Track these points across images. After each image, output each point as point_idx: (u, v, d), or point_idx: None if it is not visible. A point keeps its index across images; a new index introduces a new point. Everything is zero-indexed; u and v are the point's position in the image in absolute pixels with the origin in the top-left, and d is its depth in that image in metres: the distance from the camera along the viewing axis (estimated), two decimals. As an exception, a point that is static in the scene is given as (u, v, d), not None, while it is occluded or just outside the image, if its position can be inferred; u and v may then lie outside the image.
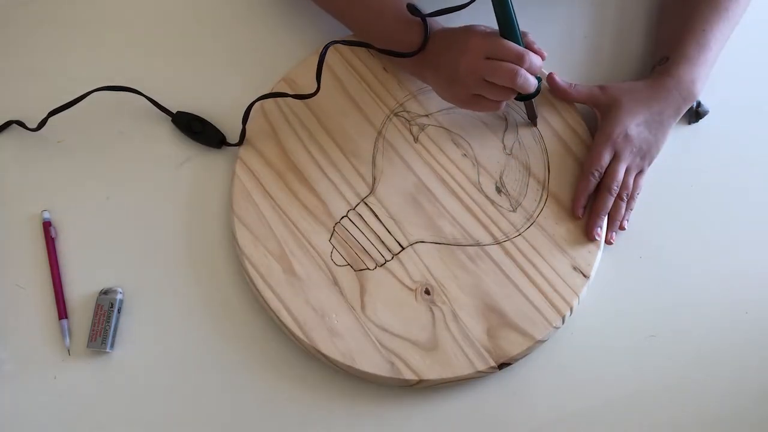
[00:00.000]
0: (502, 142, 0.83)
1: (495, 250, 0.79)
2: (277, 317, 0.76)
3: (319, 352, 0.75)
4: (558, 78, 0.84)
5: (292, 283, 0.77)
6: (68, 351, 0.77)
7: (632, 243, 0.82)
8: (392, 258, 0.79)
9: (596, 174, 0.81)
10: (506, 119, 0.84)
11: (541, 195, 0.81)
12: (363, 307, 0.77)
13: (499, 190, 0.81)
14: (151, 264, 0.80)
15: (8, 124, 0.84)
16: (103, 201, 0.82)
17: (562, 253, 0.79)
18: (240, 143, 0.82)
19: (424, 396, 0.77)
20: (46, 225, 0.80)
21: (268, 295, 0.77)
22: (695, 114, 0.87)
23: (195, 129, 0.84)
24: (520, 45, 0.76)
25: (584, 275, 0.78)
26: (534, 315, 0.77)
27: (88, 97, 0.82)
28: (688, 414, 0.79)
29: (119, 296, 0.78)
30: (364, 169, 0.82)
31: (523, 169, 0.82)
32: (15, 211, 0.81)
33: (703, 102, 0.87)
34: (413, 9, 0.79)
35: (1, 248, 0.80)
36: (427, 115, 0.83)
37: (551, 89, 0.85)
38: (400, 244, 0.80)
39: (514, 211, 0.80)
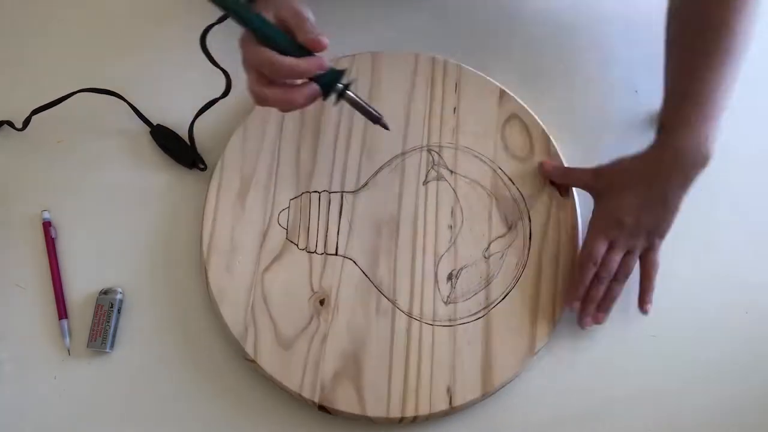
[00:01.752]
0: (489, 244, 0.80)
1: (401, 319, 0.77)
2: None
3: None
4: (549, 163, 0.82)
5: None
6: (68, 351, 0.77)
7: (632, 243, 0.83)
8: (321, 254, 0.79)
9: (592, 266, 0.77)
10: (515, 228, 0.81)
11: (477, 313, 0.77)
12: (266, 269, 0.78)
13: (449, 278, 0.79)
14: (151, 264, 0.80)
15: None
16: (103, 201, 0.82)
17: (449, 368, 0.76)
18: (204, 168, 0.81)
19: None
20: (46, 225, 0.80)
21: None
22: None
23: (170, 146, 0.83)
24: (285, 43, 0.65)
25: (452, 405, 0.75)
26: (381, 395, 0.74)
27: (75, 98, 0.82)
28: (688, 414, 0.79)
29: (119, 296, 0.78)
30: (366, 170, 0.82)
31: (482, 281, 0.79)
32: (15, 211, 0.81)
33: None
34: None
35: (1, 248, 0.80)
36: (451, 172, 0.82)
37: (544, 173, 0.82)
38: (337, 249, 0.79)
39: (445, 304, 0.78)
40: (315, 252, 0.79)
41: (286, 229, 0.79)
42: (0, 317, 0.78)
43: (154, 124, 0.84)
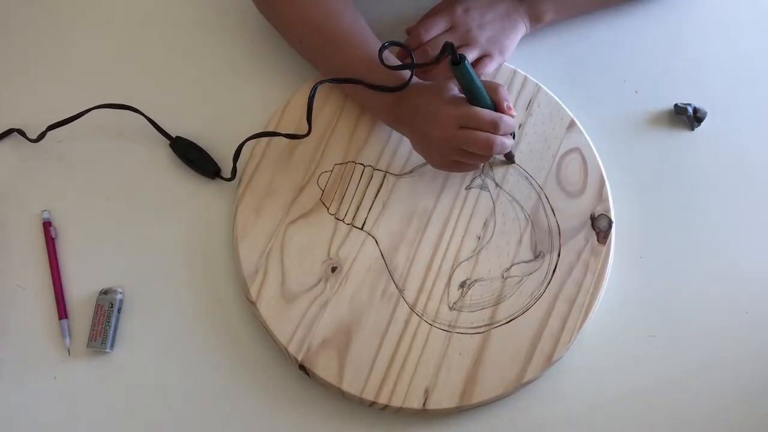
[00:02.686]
0: (511, 266, 0.79)
1: (403, 309, 0.77)
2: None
3: None
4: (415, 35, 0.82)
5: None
6: (68, 351, 0.77)
7: (632, 243, 0.82)
8: (347, 224, 0.80)
9: (421, 35, 0.80)
10: (541, 259, 0.79)
11: (478, 328, 0.77)
12: (292, 222, 0.79)
13: (462, 286, 0.78)
14: (151, 264, 0.80)
15: (9, 132, 0.84)
16: (103, 201, 0.82)
17: (433, 371, 0.76)
18: (232, 178, 0.81)
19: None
20: (46, 225, 0.80)
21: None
22: (695, 119, 0.87)
23: (191, 157, 0.83)
24: (490, 108, 0.73)
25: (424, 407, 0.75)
26: (361, 374, 0.75)
27: (91, 113, 0.82)
28: (688, 414, 0.79)
29: (119, 296, 0.78)
30: (416, 159, 0.81)
31: (492, 298, 0.78)
32: (15, 211, 0.81)
33: (700, 106, 0.87)
34: (385, 56, 0.74)
35: (1, 248, 0.80)
36: (497, 185, 0.81)
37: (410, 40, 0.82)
38: (364, 224, 0.80)
39: (450, 309, 0.77)
40: (342, 220, 0.80)
41: (323, 191, 0.80)
42: (0, 317, 0.78)
43: (173, 136, 0.84)
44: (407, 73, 0.75)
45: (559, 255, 0.79)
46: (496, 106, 0.74)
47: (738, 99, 0.90)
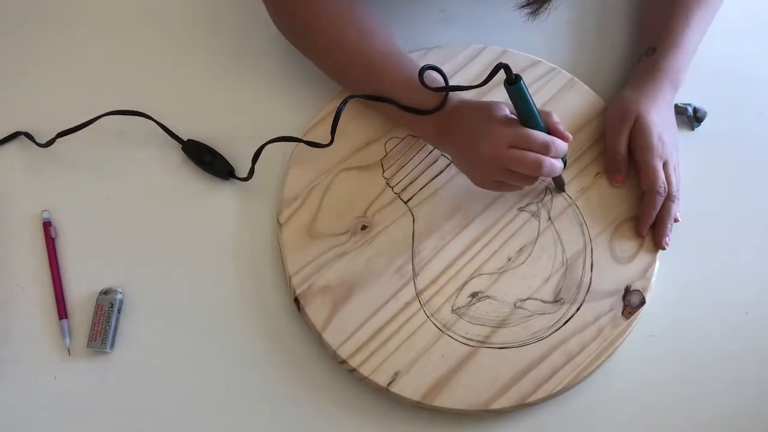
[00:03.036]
0: (527, 298, 0.78)
1: (409, 292, 0.78)
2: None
3: None
4: (609, 177, 0.83)
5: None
6: (68, 351, 0.77)
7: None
8: (395, 193, 0.81)
9: (662, 190, 0.79)
10: (559, 305, 0.78)
11: (469, 340, 0.76)
12: (346, 169, 0.81)
13: (473, 296, 0.78)
14: (151, 264, 0.80)
15: (17, 134, 0.83)
16: (103, 201, 0.82)
17: (412, 359, 0.76)
18: (249, 178, 0.81)
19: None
20: (46, 225, 0.80)
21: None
22: (695, 119, 0.87)
23: (205, 159, 0.83)
24: (542, 131, 0.74)
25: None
26: (345, 330, 0.76)
27: (102, 119, 0.82)
28: (688, 414, 0.79)
29: (119, 296, 0.78)
30: None
31: (496, 320, 0.77)
32: (15, 211, 0.81)
33: (699, 106, 0.87)
34: (427, 79, 0.75)
35: (1, 248, 0.80)
36: (549, 219, 0.81)
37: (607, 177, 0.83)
38: (409, 201, 0.81)
39: (451, 311, 0.77)
40: (391, 187, 0.81)
41: (386, 153, 0.82)
42: (0, 317, 0.78)
43: (185, 139, 0.84)
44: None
45: (578, 309, 0.78)
46: (550, 129, 0.75)
47: (738, 98, 0.90)
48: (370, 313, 0.77)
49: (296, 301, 0.77)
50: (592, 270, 0.80)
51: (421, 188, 0.81)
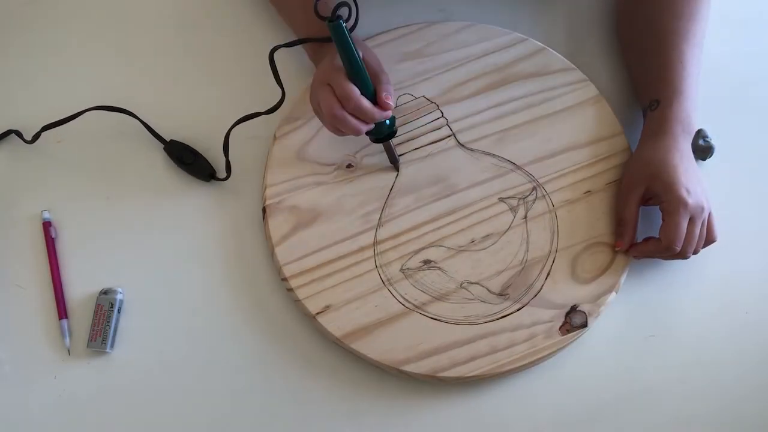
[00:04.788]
0: (476, 282, 0.79)
1: (368, 237, 0.80)
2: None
3: None
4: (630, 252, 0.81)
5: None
6: (68, 351, 0.77)
7: (632, 243, 0.83)
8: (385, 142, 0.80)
9: (675, 248, 0.77)
10: (504, 299, 0.79)
11: (403, 302, 0.78)
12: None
13: (425, 262, 0.79)
14: (151, 264, 0.81)
15: (7, 133, 0.83)
16: (103, 201, 0.82)
17: (358, 305, 0.78)
18: (227, 177, 0.81)
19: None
20: (46, 225, 0.80)
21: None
22: (706, 149, 0.85)
23: (186, 160, 0.83)
24: (365, 89, 0.73)
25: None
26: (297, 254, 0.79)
27: (86, 114, 0.82)
28: (688, 414, 0.79)
29: (119, 296, 0.78)
30: (489, 131, 0.84)
31: (436, 292, 0.78)
32: (15, 211, 0.81)
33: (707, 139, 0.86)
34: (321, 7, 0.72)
35: (1, 248, 0.80)
36: (525, 218, 0.81)
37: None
38: (400, 155, 0.82)
39: (400, 270, 0.79)
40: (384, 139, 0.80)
41: (395, 107, 0.79)
42: (0, 317, 0.78)
43: (168, 139, 0.83)
44: None
45: (518, 309, 0.78)
46: (376, 93, 0.74)
47: (733, 99, 0.90)
48: (325, 244, 0.79)
49: (264, 210, 0.80)
50: (546, 278, 0.80)
51: (416, 148, 0.83)
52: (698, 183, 0.79)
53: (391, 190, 0.81)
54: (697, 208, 0.78)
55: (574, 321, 0.78)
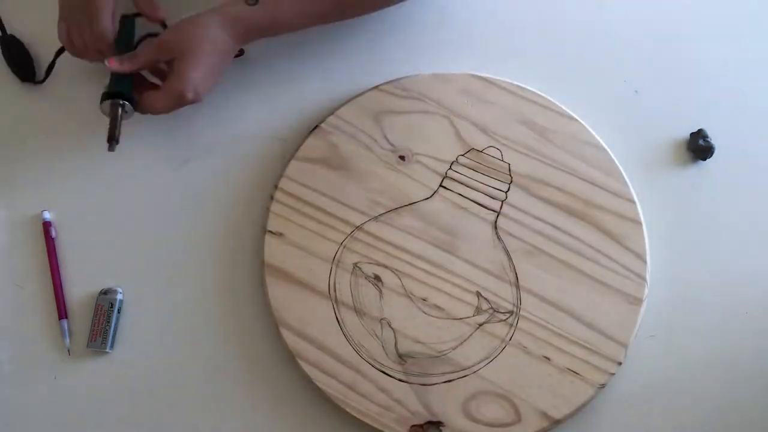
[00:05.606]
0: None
1: (355, 217, 0.80)
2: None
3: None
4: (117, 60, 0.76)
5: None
6: (68, 351, 0.77)
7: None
8: (445, 173, 0.81)
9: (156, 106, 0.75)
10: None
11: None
12: None
13: (377, 280, 0.79)
14: (151, 264, 0.80)
15: None
16: (103, 201, 0.82)
17: None
18: (43, 81, 0.83)
19: None
20: (46, 225, 0.80)
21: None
22: (706, 149, 0.85)
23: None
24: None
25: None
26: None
27: None
28: (688, 414, 0.79)
29: (119, 296, 0.78)
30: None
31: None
32: (15, 211, 0.81)
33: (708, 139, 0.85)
34: None
35: (1, 248, 0.80)
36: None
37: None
38: (445, 188, 0.81)
39: (353, 264, 0.79)
40: (447, 171, 0.81)
41: (466, 146, 0.82)
42: (0, 317, 0.78)
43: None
44: None
45: (399, 380, 0.76)
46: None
47: (739, 99, 0.90)
48: (328, 192, 0.80)
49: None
50: (444, 383, 0.76)
51: (461, 194, 0.80)
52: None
53: (410, 204, 0.80)
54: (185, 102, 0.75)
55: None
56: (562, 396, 0.76)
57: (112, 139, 0.74)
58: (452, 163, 0.81)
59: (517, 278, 0.79)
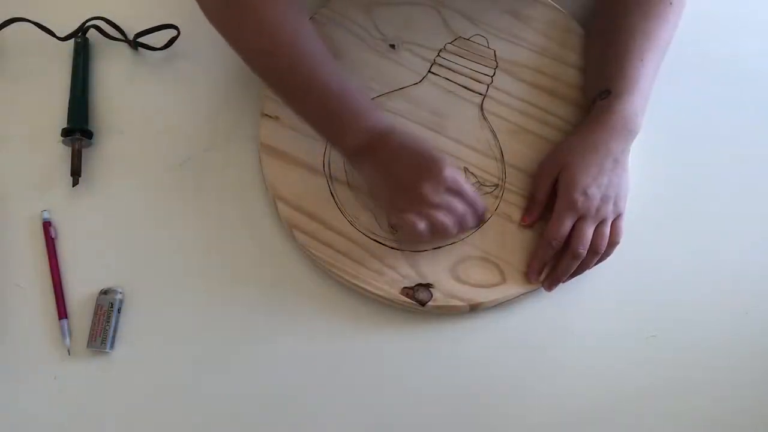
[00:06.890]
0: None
1: None
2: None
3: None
4: (526, 219, 0.81)
5: None
6: (68, 351, 0.77)
7: (633, 244, 0.82)
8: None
9: (555, 243, 0.77)
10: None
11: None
12: None
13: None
14: (151, 264, 0.80)
15: None
16: (103, 201, 0.82)
17: None
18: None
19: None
20: (46, 225, 0.80)
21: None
22: None
23: None
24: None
25: None
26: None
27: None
28: (688, 414, 0.79)
29: (119, 296, 0.78)
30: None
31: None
32: (15, 211, 0.81)
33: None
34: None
35: (1, 248, 0.80)
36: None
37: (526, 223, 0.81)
38: (434, 73, 0.85)
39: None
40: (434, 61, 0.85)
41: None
42: (0, 317, 0.78)
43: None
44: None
45: (391, 248, 0.79)
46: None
47: (742, 99, 0.90)
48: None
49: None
50: (435, 249, 0.79)
51: (448, 79, 0.85)
52: (610, 187, 0.78)
53: (401, 89, 0.84)
54: (590, 210, 0.77)
55: (418, 293, 0.78)
56: None
57: (76, 174, 0.80)
58: (440, 51, 0.86)
59: (503, 154, 0.83)
